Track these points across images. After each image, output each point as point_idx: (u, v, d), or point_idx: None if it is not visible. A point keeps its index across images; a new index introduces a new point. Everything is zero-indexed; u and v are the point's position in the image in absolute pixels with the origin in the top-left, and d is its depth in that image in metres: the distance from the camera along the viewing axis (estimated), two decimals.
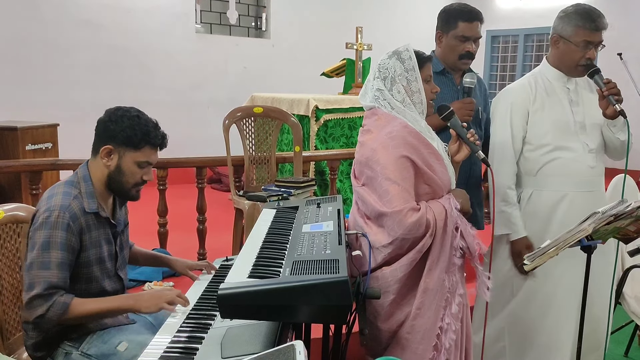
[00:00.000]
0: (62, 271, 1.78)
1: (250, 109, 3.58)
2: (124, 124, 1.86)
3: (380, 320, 1.89)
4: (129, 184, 1.92)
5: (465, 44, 2.42)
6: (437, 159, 1.89)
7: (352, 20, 6.78)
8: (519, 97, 2.37)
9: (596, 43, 2.27)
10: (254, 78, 7.01)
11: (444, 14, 2.49)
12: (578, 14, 2.27)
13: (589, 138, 2.33)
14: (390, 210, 1.78)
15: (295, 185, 3.36)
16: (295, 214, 2.22)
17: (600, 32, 2.27)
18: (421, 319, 1.84)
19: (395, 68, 1.91)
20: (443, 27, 2.47)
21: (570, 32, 2.26)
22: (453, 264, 1.86)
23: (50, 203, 1.80)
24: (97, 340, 1.83)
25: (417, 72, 1.91)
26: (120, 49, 6.14)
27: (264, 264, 1.66)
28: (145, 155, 1.90)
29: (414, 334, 1.84)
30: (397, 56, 1.92)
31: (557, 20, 2.34)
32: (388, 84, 1.92)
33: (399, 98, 1.91)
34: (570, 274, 2.27)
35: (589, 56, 2.25)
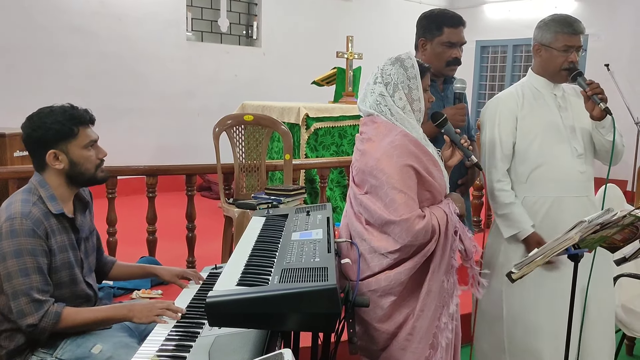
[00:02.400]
0: (42, 275, 1.78)
1: (241, 117, 3.58)
2: (47, 123, 1.84)
3: (378, 321, 1.92)
4: (91, 170, 1.92)
5: (452, 50, 2.39)
6: (434, 165, 1.93)
7: (343, 29, 6.83)
8: (507, 104, 2.40)
9: (576, 47, 2.32)
10: (245, 86, 7.02)
11: (425, 20, 2.45)
12: (555, 21, 2.34)
13: (578, 143, 2.36)
14: (399, 219, 1.81)
15: (285, 193, 3.36)
16: (284, 222, 2.22)
17: (578, 36, 2.32)
18: (423, 320, 1.87)
19: (398, 75, 1.94)
20: (426, 34, 2.42)
21: (550, 38, 2.32)
22: (452, 265, 1.90)
23: (10, 211, 1.78)
24: (71, 345, 1.82)
25: (419, 80, 1.95)
26: (112, 56, 6.13)
27: (252, 271, 1.66)
28: (85, 137, 1.89)
29: (414, 335, 1.88)
30: (400, 63, 1.95)
31: (536, 31, 2.41)
32: (390, 90, 1.94)
33: (400, 105, 1.94)
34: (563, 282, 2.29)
35: (571, 59, 2.31)
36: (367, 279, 1.89)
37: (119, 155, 5.15)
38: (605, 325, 2.42)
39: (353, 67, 5.61)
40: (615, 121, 2.27)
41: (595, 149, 2.41)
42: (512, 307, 2.38)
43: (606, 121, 2.26)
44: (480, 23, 9.32)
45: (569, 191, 2.34)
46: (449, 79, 2.50)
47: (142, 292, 3.17)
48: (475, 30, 9.30)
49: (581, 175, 2.34)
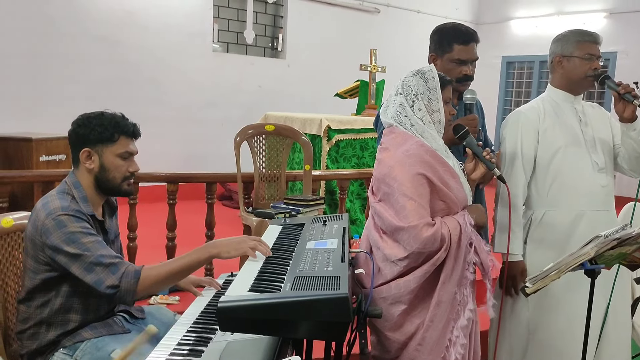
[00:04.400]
0: (104, 246, 1.81)
1: (262, 127, 3.61)
2: (92, 124, 1.90)
3: (388, 329, 1.92)
4: (118, 179, 1.94)
5: (462, 67, 2.34)
6: (452, 176, 1.93)
7: (368, 42, 6.86)
8: (529, 117, 2.38)
9: (597, 56, 2.32)
10: (269, 97, 7.09)
11: (437, 35, 2.42)
12: (574, 32, 2.36)
13: (599, 157, 2.34)
14: (407, 225, 1.82)
15: (304, 204, 3.36)
16: (300, 231, 2.23)
17: (598, 46, 2.33)
18: (433, 331, 1.86)
19: (418, 86, 1.96)
20: (437, 50, 2.39)
21: (572, 48, 2.32)
22: (465, 277, 1.89)
23: (48, 208, 1.82)
24: (91, 348, 1.84)
25: (439, 92, 1.96)
26: (136, 65, 6.24)
27: (265, 278, 1.66)
28: (123, 146, 1.93)
29: (424, 346, 1.87)
30: (421, 75, 1.97)
31: (554, 45, 2.40)
32: (410, 101, 1.96)
33: (419, 115, 1.95)
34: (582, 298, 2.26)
35: (596, 67, 2.31)
36: (379, 287, 1.90)
37: (143, 163, 5.23)
38: (622, 345, 2.38)
39: (376, 80, 5.62)
40: None
41: (622, 158, 2.37)
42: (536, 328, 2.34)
43: (638, 123, 2.23)
44: (507, 38, 9.27)
45: (590, 205, 2.32)
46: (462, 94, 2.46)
47: (160, 298, 3.20)
48: (502, 46, 9.27)
49: (602, 189, 2.32)
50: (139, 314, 2.12)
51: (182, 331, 1.78)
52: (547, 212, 2.35)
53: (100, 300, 1.93)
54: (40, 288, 1.86)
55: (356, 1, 7.99)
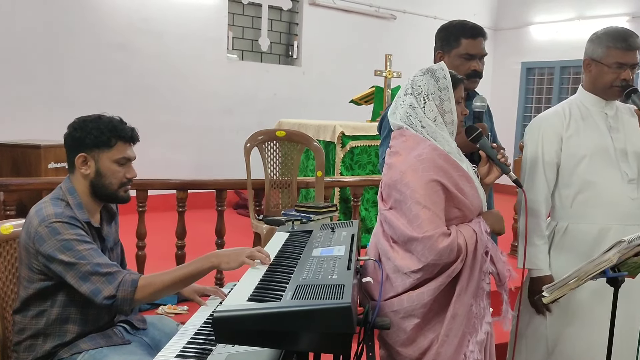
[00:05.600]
0: (100, 254, 1.75)
1: (273, 133, 3.54)
2: (89, 128, 1.84)
3: (400, 344, 1.80)
4: (114, 185, 1.88)
5: (470, 62, 2.24)
6: (468, 181, 1.81)
7: (384, 49, 6.77)
8: (552, 123, 2.25)
9: (631, 64, 2.13)
10: (284, 104, 7.04)
11: (443, 32, 2.32)
12: (609, 34, 2.17)
13: (629, 167, 2.18)
14: (421, 236, 1.70)
15: (316, 211, 3.28)
16: (307, 238, 2.14)
17: (634, 52, 2.13)
18: (448, 346, 1.74)
19: (428, 86, 1.83)
20: (444, 47, 2.30)
21: (602, 53, 2.15)
22: (482, 289, 1.78)
23: (41, 215, 1.76)
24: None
25: (451, 91, 1.84)
26: (153, 72, 6.25)
27: (266, 287, 1.58)
28: (120, 152, 1.86)
29: None
30: (432, 74, 1.85)
31: (588, 44, 2.23)
32: (421, 102, 1.84)
33: (431, 116, 1.83)
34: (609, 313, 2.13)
35: (624, 77, 2.13)
36: (390, 299, 1.78)
37: (158, 170, 5.22)
38: None
39: (391, 86, 5.54)
40: None
41: None
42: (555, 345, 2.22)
43: None
44: (526, 44, 9.12)
45: (618, 219, 2.15)
46: (472, 94, 2.34)
47: (167, 308, 3.14)
48: (522, 52, 9.12)
49: (632, 202, 2.16)
50: (141, 324, 2.05)
51: (183, 342, 1.71)
52: (570, 225, 2.21)
53: (100, 310, 1.86)
54: (35, 297, 1.80)
55: (372, 8, 7.92)
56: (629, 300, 2.09)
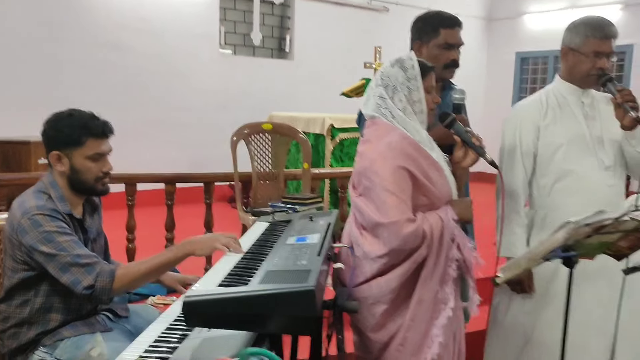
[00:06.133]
0: (80, 246, 1.81)
1: (259, 126, 3.59)
2: (60, 126, 1.89)
3: (370, 330, 1.86)
4: (90, 181, 1.93)
5: (449, 52, 2.27)
6: (436, 170, 1.86)
7: (377, 42, 6.80)
8: (529, 112, 2.29)
9: (607, 53, 2.17)
10: (277, 98, 7.08)
11: (420, 22, 2.35)
12: (587, 24, 2.20)
13: (606, 154, 2.21)
14: (387, 221, 1.75)
15: (301, 202, 3.33)
16: (285, 227, 2.20)
17: (609, 41, 2.16)
18: (414, 331, 1.80)
19: (397, 76, 1.88)
20: (422, 37, 2.31)
21: (579, 42, 2.18)
22: (448, 275, 1.82)
23: (24, 207, 1.82)
24: (71, 347, 1.84)
25: (419, 81, 1.88)
26: (146, 70, 6.30)
27: (237, 273, 1.65)
28: (92, 148, 1.91)
29: (406, 346, 1.80)
30: (400, 64, 1.89)
31: (566, 33, 2.27)
32: (390, 92, 1.89)
33: (400, 106, 1.88)
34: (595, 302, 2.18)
35: (601, 66, 2.16)
36: (360, 285, 1.84)
37: (152, 166, 5.29)
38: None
39: None
40: None
41: (627, 162, 2.26)
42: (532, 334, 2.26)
43: (637, 131, 2.11)
44: (520, 34, 9.13)
45: (595, 206, 2.15)
46: (449, 85, 2.38)
47: (157, 298, 3.20)
48: (515, 41, 9.13)
49: (609, 189, 2.19)
50: (124, 312, 2.11)
51: (162, 328, 1.76)
52: (548, 214, 2.24)
53: (82, 300, 1.92)
54: (19, 287, 1.86)
55: (364, 0, 7.94)
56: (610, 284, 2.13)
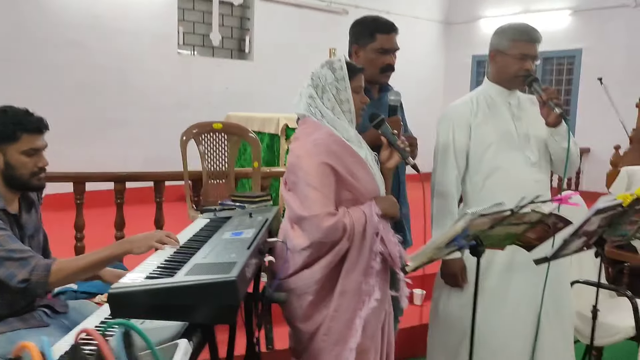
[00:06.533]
0: (15, 240, 1.83)
1: (209, 125, 3.64)
2: None
3: (299, 321, 1.93)
4: (25, 175, 1.95)
5: (385, 56, 2.35)
6: (362, 167, 1.93)
7: (336, 43, 6.91)
8: (461, 113, 2.40)
9: (532, 56, 2.30)
10: (236, 99, 7.11)
11: (358, 27, 2.42)
12: (514, 28, 2.33)
13: (532, 151, 2.34)
14: (309, 215, 1.83)
15: (250, 200, 3.38)
16: (224, 223, 2.25)
17: (535, 45, 2.30)
18: (338, 321, 1.87)
19: (326, 77, 1.96)
20: (359, 41, 2.39)
21: (507, 45, 2.30)
22: (371, 267, 1.89)
23: None
24: (5, 342, 1.85)
25: (347, 82, 1.96)
26: (104, 68, 6.26)
27: (166, 266, 1.69)
28: (26, 144, 1.93)
29: (330, 336, 1.87)
30: (329, 65, 1.98)
31: (493, 37, 2.39)
32: (319, 92, 1.97)
33: (329, 106, 1.96)
34: (522, 293, 2.30)
35: (527, 67, 2.29)
36: (289, 277, 1.91)
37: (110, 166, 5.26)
38: (564, 334, 2.40)
39: None
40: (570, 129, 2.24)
41: (551, 158, 2.39)
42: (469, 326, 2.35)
43: (561, 128, 2.24)
44: (477, 38, 9.36)
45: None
46: (386, 87, 2.47)
47: (104, 297, 3.20)
48: (472, 45, 9.35)
49: (536, 184, 2.31)
50: (62, 308, 2.13)
51: (96, 322, 1.79)
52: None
53: (14, 295, 1.94)
54: None
55: (323, 2, 8.04)
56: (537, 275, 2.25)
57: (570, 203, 1.72)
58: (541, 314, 2.29)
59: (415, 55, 9.08)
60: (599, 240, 1.95)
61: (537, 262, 1.84)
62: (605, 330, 2.69)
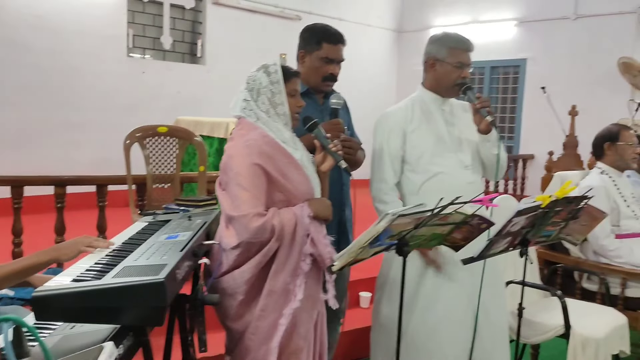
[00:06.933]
0: None
1: (154, 129, 3.61)
2: None
3: (230, 320, 1.95)
4: None
5: (329, 65, 2.40)
6: (295, 168, 1.95)
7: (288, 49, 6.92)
8: (397, 118, 2.46)
9: (468, 64, 2.39)
10: (188, 103, 7.06)
11: (307, 33, 2.48)
12: (451, 38, 2.41)
13: (465, 155, 2.42)
14: (238, 214, 1.85)
15: (195, 204, 3.37)
16: (162, 226, 2.24)
17: (469, 53, 2.40)
18: (264, 320, 1.89)
19: (261, 80, 1.99)
20: (306, 47, 2.44)
21: (445, 53, 2.38)
22: (300, 268, 1.91)
23: None
24: None
25: (282, 85, 1.99)
26: (49, 69, 6.11)
27: (96, 269, 1.67)
28: None
29: (257, 335, 1.89)
30: (265, 69, 2.01)
31: (430, 45, 2.46)
32: (254, 95, 2.00)
33: (263, 109, 1.99)
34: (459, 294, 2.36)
35: (464, 75, 2.37)
36: (222, 277, 1.92)
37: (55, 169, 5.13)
38: (500, 334, 2.48)
39: None
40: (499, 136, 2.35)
41: (484, 165, 2.48)
42: (406, 328, 2.37)
43: (492, 135, 2.34)
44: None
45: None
46: (331, 94, 2.51)
47: None
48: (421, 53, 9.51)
49: (469, 186, 2.38)
50: None
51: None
52: None
53: None
54: None
55: (277, 8, 8.07)
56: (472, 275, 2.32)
57: (490, 204, 1.79)
58: (478, 314, 2.36)
59: (368, 63, 9.20)
60: (523, 240, 2.04)
61: (465, 262, 1.91)
62: (538, 329, 2.80)
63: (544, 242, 2.34)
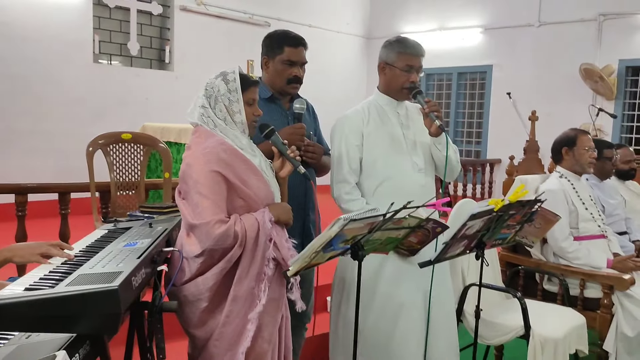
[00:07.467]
0: None
1: (117, 136, 3.58)
2: None
3: (193, 327, 1.94)
4: None
5: (292, 68, 2.46)
6: (254, 174, 1.97)
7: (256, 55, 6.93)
8: (353, 121, 2.49)
9: (417, 67, 2.44)
10: (157, 109, 7.01)
11: (268, 39, 2.53)
12: (400, 42, 2.47)
13: (419, 158, 2.47)
14: (199, 222, 1.85)
15: (159, 211, 3.35)
16: (122, 233, 2.23)
17: (419, 57, 2.45)
18: (229, 326, 1.89)
19: (219, 88, 1.99)
20: (269, 53, 2.50)
21: (394, 58, 2.43)
22: (264, 273, 1.92)
23: None
24: None
25: (240, 94, 2.00)
26: (13, 76, 6.01)
27: (51, 277, 1.66)
28: None
29: (221, 341, 1.89)
30: (223, 77, 2.01)
31: (382, 50, 2.52)
32: (212, 102, 2.00)
33: (220, 116, 1.99)
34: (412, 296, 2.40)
35: (412, 79, 2.42)
36: (183, 285, 1.92)
37: (20, 177, 5.03)
38: (450, 334, 2.52)
39: None
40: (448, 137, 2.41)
41: (436, 165, 2.54)
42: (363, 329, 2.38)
43: (442, 138, 2.39)
44: None
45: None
46: (297, 97, 2.55)
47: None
48: None
49: (421, 189, 2.45)
50: None
51: None
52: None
53: None
54: None
55: (245, 15, 8.08)
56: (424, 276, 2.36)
57: (442, 208, 1.83)
58: (430, 316, 2.40)
59: (338, 69, 9.27)
60: (479, 243, 2.08)
61: (422, 265, 1.94)
62: (498, 330, 2.85)
63: (500, 244, 2.40)
